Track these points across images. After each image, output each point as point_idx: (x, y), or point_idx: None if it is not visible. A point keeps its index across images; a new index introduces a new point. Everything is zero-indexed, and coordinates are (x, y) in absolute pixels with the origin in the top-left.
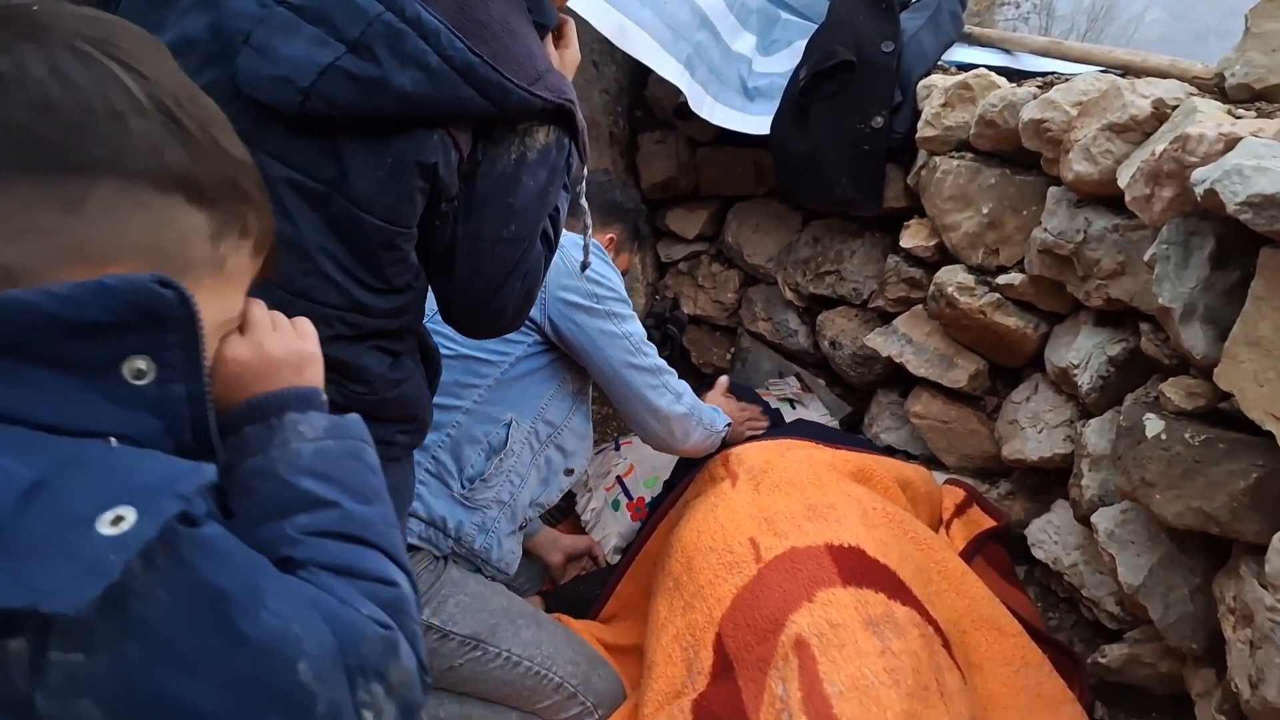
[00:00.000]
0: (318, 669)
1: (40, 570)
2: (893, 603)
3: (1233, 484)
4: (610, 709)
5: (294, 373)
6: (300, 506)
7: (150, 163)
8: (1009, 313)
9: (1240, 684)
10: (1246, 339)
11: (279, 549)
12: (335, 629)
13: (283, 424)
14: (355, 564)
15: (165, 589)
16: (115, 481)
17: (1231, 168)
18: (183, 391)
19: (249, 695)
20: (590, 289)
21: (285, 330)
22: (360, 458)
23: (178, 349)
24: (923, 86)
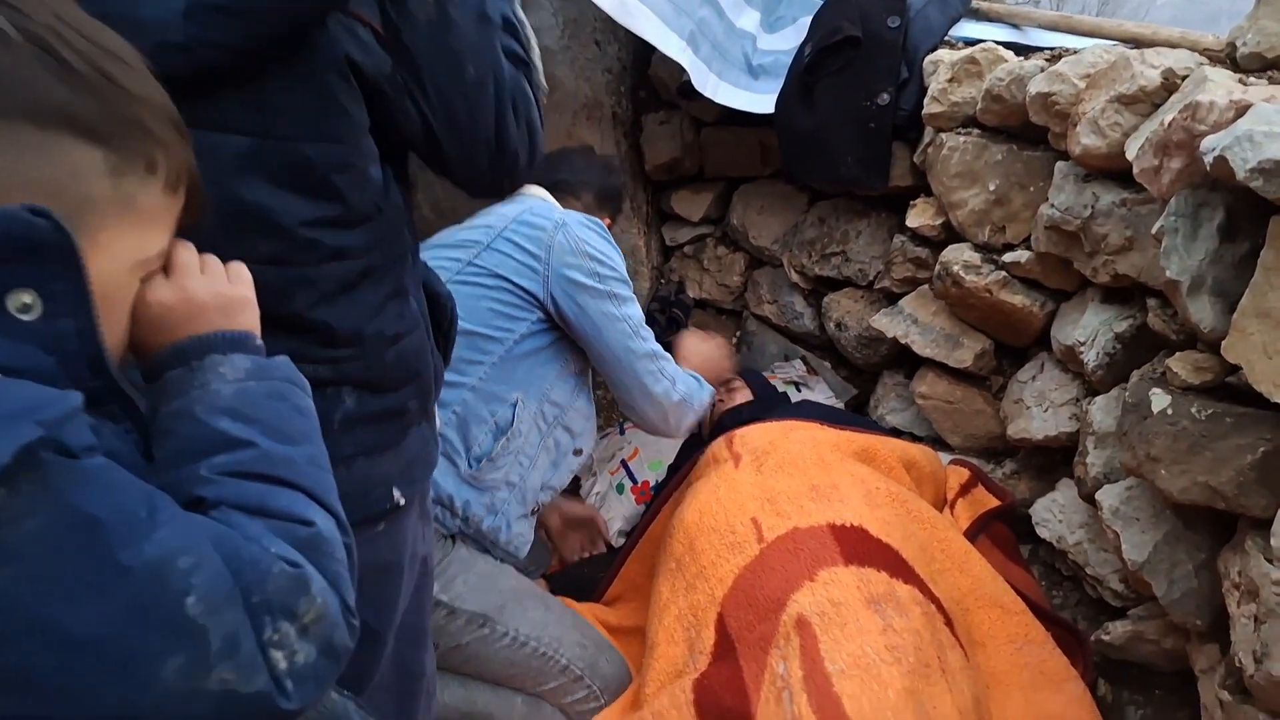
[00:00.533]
0: (208, 602)
1: None
2: (895, 581)
3: (1240, 459)
4: (616, 693)
5: (221, 316)
6: (216, 447)
7: (23, 97)
8: (1015, 291)
9: (1244, 659)
10: (1255, 310)
11: (192, 489)
12: (232, 564)
13: (203, 365)
14: (269, 503)
15: (33, 517)
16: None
17: (1242, 134)
18: (72, 327)
19: (137, 623)
20: (593, 268)
21: (214, 274)
22: (286, 398)
23: (62, 281)
24: (929, 62)
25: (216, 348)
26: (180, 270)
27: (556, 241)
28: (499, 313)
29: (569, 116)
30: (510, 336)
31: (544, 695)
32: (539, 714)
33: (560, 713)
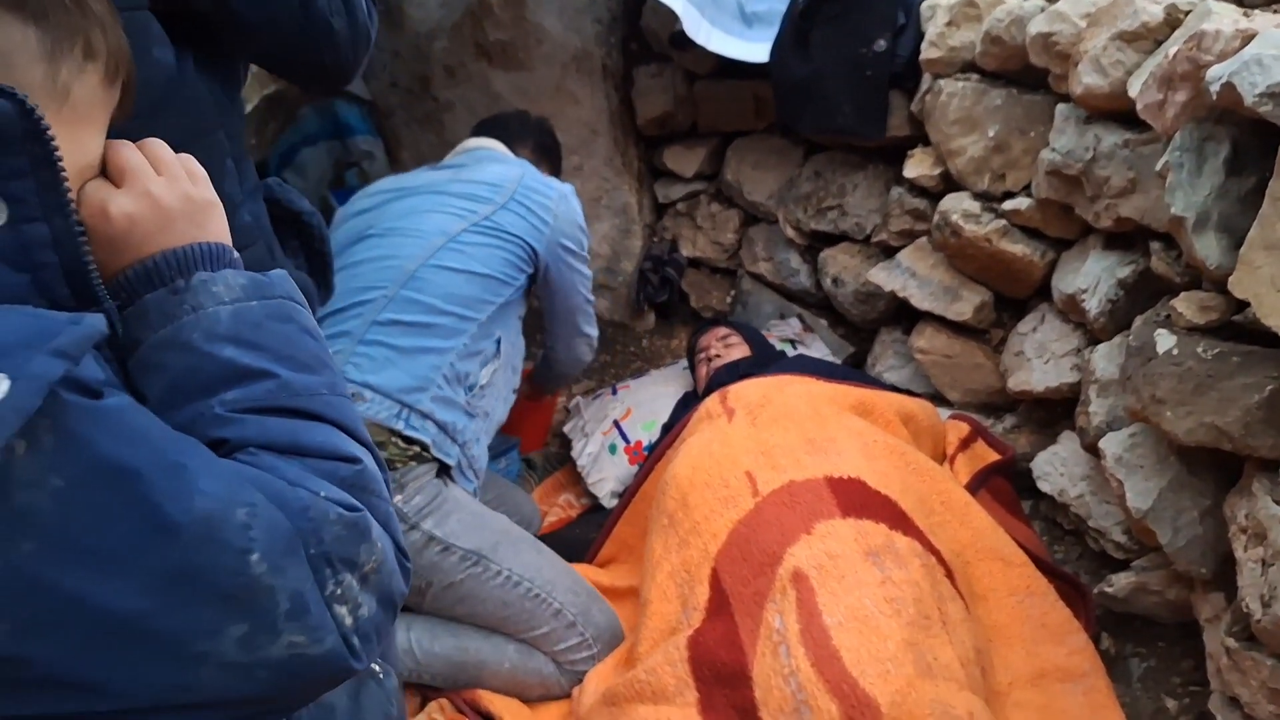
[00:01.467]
0: (272, 559)
1: None
2: (894, 533)
3: (1246, 398)
4: (608, 645)
5: (192, 225)
6: (226, 380)
7: None
8: (1015, 240)
9: (1252, 604)
10: (1264, 242)
11: (208, 431)
12: (289, 513)
13: (190, 286)
14: (303, 440)
15: (58, 474)
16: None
17: (1250, 58)
18: (45, 233)
19: (187, 592)
20: (580, 239)
21: (175, 174)
22: (292, 318)
23: (29, 178)
24: (926, 7)
25: (198, 262)
26: (135, 174)
27: (560, 211)
28: (510, 263)
29: (558, 69)
30: (516, 283)
31: (536, 642)
32: (531, 662)
33: (552, 662)
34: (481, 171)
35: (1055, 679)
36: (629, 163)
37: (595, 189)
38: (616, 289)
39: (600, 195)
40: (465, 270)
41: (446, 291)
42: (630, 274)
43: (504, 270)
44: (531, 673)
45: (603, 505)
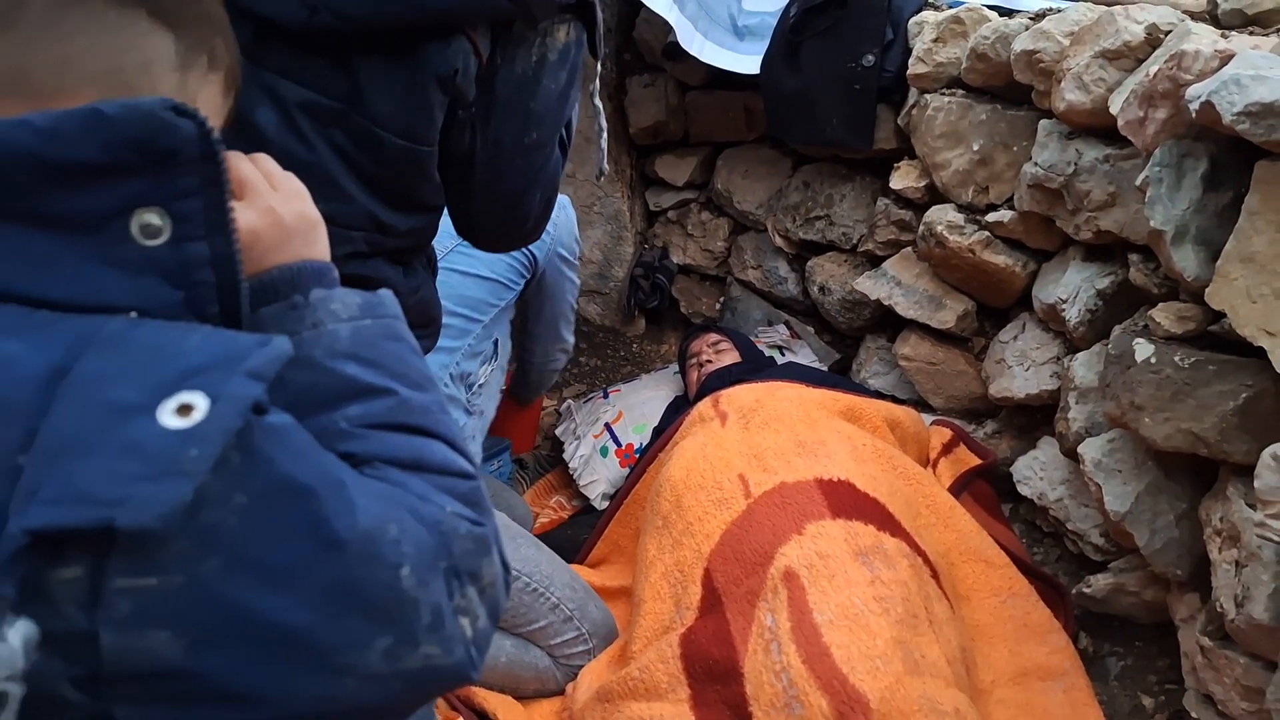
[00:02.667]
0: (420, 573)
1: (94, 475)
2: (882, 534)
3: (1222, 405)
4: (604, 641)
5: (304, 243)
6: (348, 396)
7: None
8: (998, 251)
9: (1226, 604)
10: (1240, 255)
11: (335, 445)
12: (428, 528)
13: (309, 302)
14: (425, 456)
15: (244, 491)
16: (163, 363)
17: (1229, 78)
18: (205, 252)
19: (345, 606)
20: (574, 248)
21: (288, 191)
22: (402, 337)
23: (196, 198)
24: (914, 23)
25: (312, 280)
26: (256, 189)
27: (561, 220)
28: (514, 268)
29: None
30: (516, 288)
31: (533, 636)
32: (527, 656)
33: (548, 656)
34: None
35: (1036, 677)
36: (621, 171)
37: (588, 196)
38: (608, 294)
39: (593, 202)
40: (473, 274)
41: (455, 294)
42: (621, 280)
43: (507, 275)
44: (527, 666)
45: (594, 507)
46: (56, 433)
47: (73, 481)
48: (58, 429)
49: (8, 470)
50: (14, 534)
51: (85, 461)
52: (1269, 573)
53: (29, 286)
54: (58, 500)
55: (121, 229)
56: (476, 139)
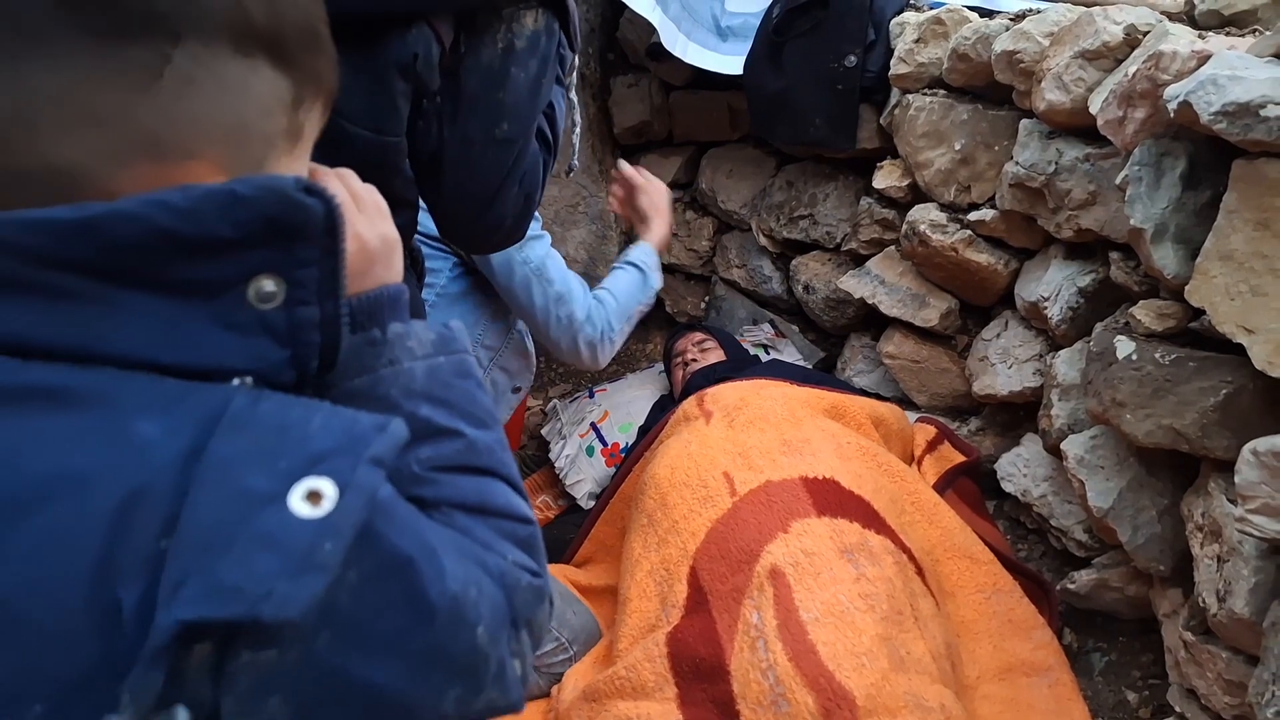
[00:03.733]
0: (493, 631)
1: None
2: (867, 532)
3: (1202, 401)
4: (585, 646)
5: (385, 267)
6: (420, 437)
7: (232, 17)
8: (980, 249)
9: (1208, 599)
10: (1219, 253)
11: (407, 488)
12: (497, 583)
13: (387, 339)
14: (490, 500)
15: (356, 568)
16: (290, 446)
17: (1206, 78)
18: (315, 315)
19: (431, 665)
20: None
21: (373, 211)
22: (470, 374)
23: (314, 266)
24: (896, 24)
25: (389, 310)
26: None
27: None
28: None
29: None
30: (432, 290)
31: None
32: None
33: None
34: None
35: (1021, 673)
36: (606, 171)
37: (572, 195)
38: None
39: (577, 202)
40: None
41: None
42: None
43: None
44: None
45: (580, 506)
46: (197, 522)
47: (219, 575)
48: (197, 518)
49: (151, 557)
50: (167, 625)
51: (227, 554)
52: (1249, 567)
53: (152, 352)
54: (207, 594)
55: (240, 295)
56: (444, 134)
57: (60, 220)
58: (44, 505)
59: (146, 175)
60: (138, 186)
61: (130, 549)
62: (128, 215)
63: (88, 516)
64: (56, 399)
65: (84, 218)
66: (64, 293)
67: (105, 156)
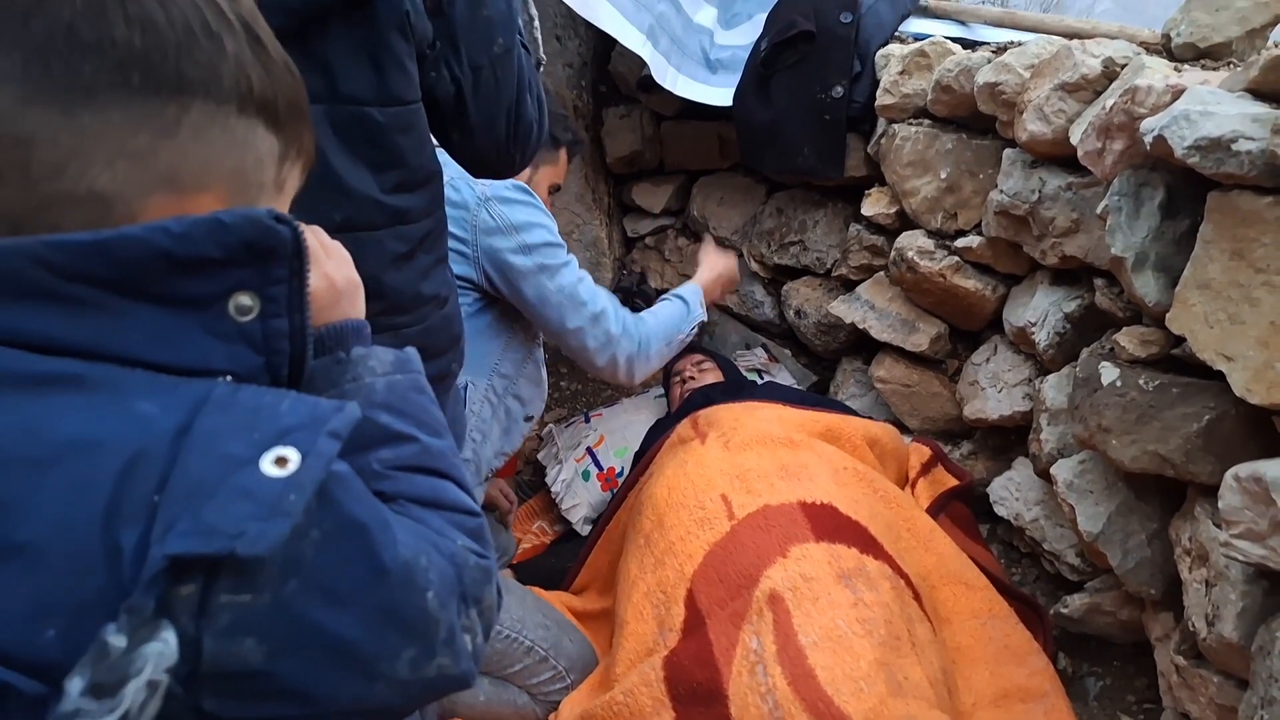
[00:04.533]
0: (442, 598)
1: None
2: (865, 557)
3: (1186, 426)
4: (582, 673)
5: (349, 304)
6: (380, 441)
7: (240, 85)
8: (968, 275)
9: (1197, 623)
10: (1196, 282)
11: (369, 484)
12: (447, 559)
13: (351, 359)
14: (442, 496)
15: (318, 526)
16: (263, 422)
17: (1179, 114)
18: (284, 327)
19: (386, 623)
20: (520, 240)
21: (338, 256)
22: (424, 390)
23: (284, 284)
24: (881, 56)
25: (354, 338)
26: (314, 255)
27: (480, 221)
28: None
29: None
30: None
31: (510, 678)
32: (505, 694)
33: (526, 694)
34: None
35: (1017, 699)
36: (599, 199)
37: (567, 224)
38: None
39: (571, 230)
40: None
41: None
42: None
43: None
44: (506, 704)
45: (576, 531)
46: (185, 478)
47: (201, 518)
48: (186, 475)
49: (147, 506)
50: (157, 559)
51: (210, 502)
52: (1236, 591)
53: (153, 354)
54: (191, 533)
55: (222, 307)
56: (455, 72)
57: (81, 242)
58: (64, 463)
59: (164, 204)
60: (156, 212)
61: (131, 499)
62: (134, 238)
63: (98, 472)
64: (71, 383)
65: (99, 239)
66: (82, 301)
67: (134, 186)
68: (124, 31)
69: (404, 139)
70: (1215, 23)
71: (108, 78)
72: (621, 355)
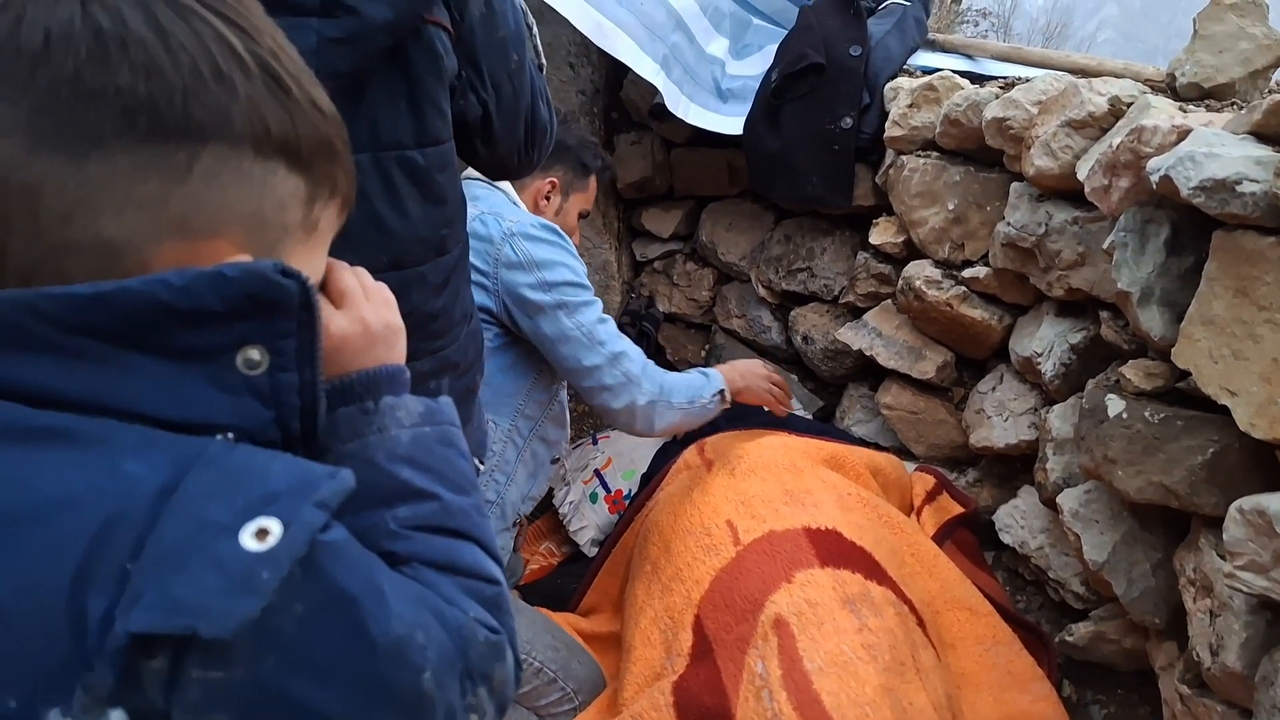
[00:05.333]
0: (439, 676)
1: (187, 586)
2: (869, 583)
3: (1190, 459)
4: (590, 695)
5: (386, 349)
6: (400, 497)
7: (254, 127)
8: (974, 305)
9: (1202, 653)
10: (1201, 318)
11: (381, 543)
12: (449, 633)
13: (379, 409)
14: (458, 560)
15: (301, 600)
16: (249, 486)
17: (1185, 155)
18: (294, 380)
19: (374, 700)
20: (540, 277)
21: (377, 300)
22: (454, 444)
23: (293, 338)
24: (890, 88)
25: (385, 386)
26: (349, 297)
27: (504, 255)
28: None
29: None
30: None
31: (518, 700)
32: (513, 715)
33: (534, 715)
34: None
35: None
36: (609, 223)
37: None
38: None
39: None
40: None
41: None
42: None
43: None
44: None
45: (583, 553)
46: (160, 545)
47: (168, 591)
48: (161, 541)
49: (119, 575)
50: (119, 634)
51: (181, 573)
52: (1240, 622)
53: (153, 407)
54: (156, 607)
55: (229, 360)
56: (482, 95)
57: (79, 294)
58: (40, 522)
59: (176, 251)
60: (169, 259)
61: (103, 565)
62: (133, 291)
63: (73, 534)
64: (60, 438)
65: (98, 292)
66: (79, 353)
67: (144, 233)
68: (128, 78)
69: (442, 176)
70: (1219, 64)
71: (113, 125)
72: (642, 398)
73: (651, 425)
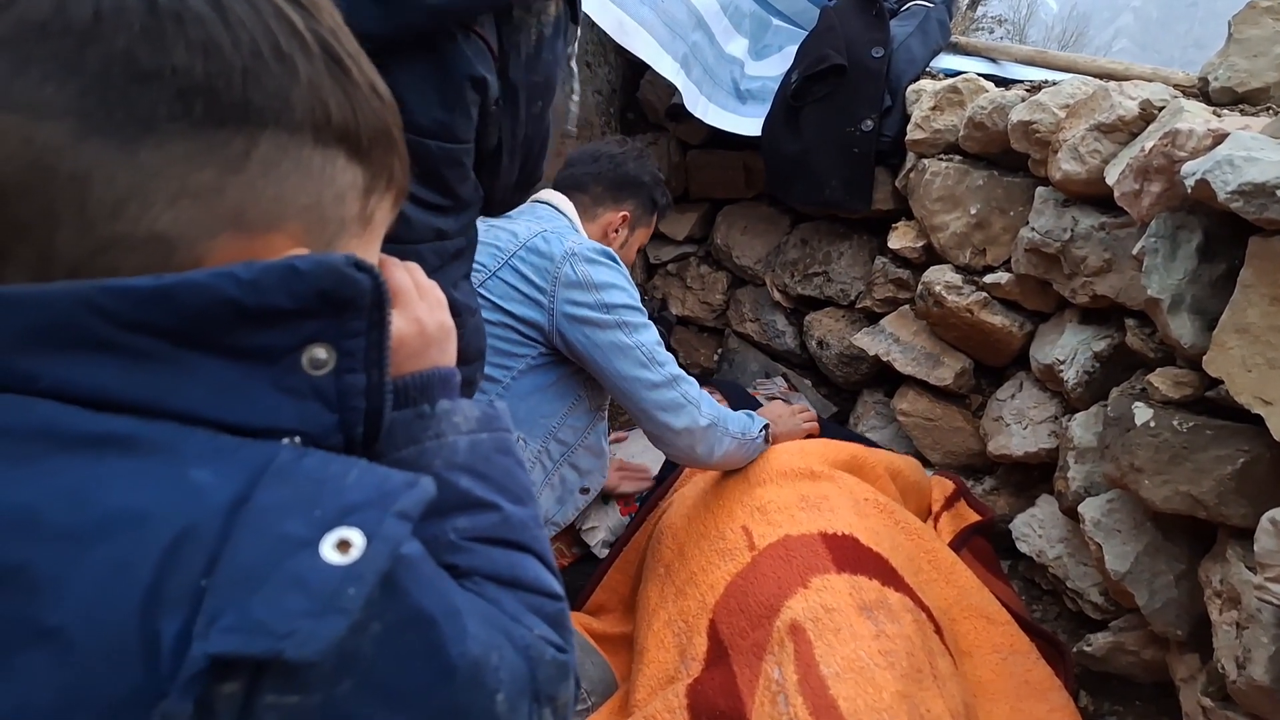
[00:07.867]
0: (512, 699)
1: (268, 606)
2: (886, 589)
3: (1220, 469)
4: (602, 697)
5: (439, 351)
6: (458, 507)
7: (315, 113)
8: (995, 311)
9: (1227, 665)
10: (1235, 326)
11: (441, 555)
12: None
13: (435, 414)
14: (521, 574)
15: (379, 619)
16: (326, 497)
17: (1223, 158)
18: (361, 383)
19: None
20: (600, 298)
21: (433, 300)
22: (510, 451)
23: (361, 337)
24: (912, 91)
25: (439, 389)
26: (408, 298)
27: (563, 274)
28: (495, 348)
29: (558, 135)
30: (509, 374)
31: None
32: None
33: None
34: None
35: None
36: None
37: None
38: None
39: None
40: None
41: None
42: None
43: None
44: None
45: (594, 554)
46: (235, 562)
47: (249, 612)
48: (237, 557)
49: (193, 592)
50: (198, 657)
51: (259, 592)
52: (1269, 635)
53: (216, 411)
54: (236, 629)
55: (294, 361)
56: (504, 131)
57: (141, 287)
58: (106, 538)
59: (232, 244)
60: (224, 254)
61: (176, 583)
62: (199, 285)
63: (142, 551)
64: (123, 445)
65: (161, 285)
66: (141, 353)
67: (199, 226)
68: (185, 58)
69: (450, 172)
70: (1253, 68)
71: (168, 109)
72: (703, 419)
73: (711, 451)
